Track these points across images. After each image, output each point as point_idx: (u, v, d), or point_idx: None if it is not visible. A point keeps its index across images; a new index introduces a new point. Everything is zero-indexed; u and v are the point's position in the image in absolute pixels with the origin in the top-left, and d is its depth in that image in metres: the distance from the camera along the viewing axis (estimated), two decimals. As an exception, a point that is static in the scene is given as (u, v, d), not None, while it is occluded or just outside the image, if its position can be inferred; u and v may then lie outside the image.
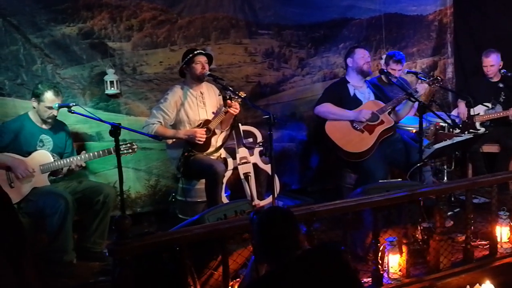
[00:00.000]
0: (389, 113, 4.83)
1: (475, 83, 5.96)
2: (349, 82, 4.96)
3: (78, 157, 4.21)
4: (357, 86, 4.95)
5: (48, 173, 4.16)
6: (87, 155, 4.23)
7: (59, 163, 4.18)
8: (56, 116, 4.22)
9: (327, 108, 4.83)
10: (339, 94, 4.90)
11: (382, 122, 4.74)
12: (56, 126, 4.33)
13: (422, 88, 4.76)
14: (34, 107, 4.19)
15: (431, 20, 6.61)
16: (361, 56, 4.90)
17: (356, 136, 4.71)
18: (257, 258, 2.56)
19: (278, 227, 2.33)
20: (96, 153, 4.25)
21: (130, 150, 4.31)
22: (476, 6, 6.57)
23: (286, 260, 2.26)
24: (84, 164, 4.27)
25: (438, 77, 4.85)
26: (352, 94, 4.91)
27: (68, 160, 4.19)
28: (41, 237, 4.09)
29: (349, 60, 4.97)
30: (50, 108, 4.14)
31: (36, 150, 4.16)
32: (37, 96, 4.14)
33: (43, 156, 4.17)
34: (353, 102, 4.86)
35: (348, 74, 5.02)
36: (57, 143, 4.29)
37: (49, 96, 4.13)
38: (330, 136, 4.76)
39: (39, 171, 4.12)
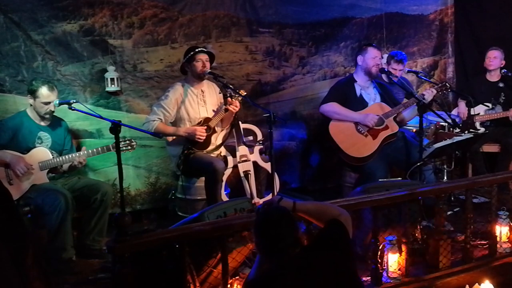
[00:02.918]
0: (395, 117, 4.77)
1: (475, 82, 5.97)
2: (356, 81, 4.87)
3: (78, 154, 4.20)
4: (364, 86, 4.87)
5: (47, 170, 4.16)
6: (86, 152, 4.23)
7: (58, 160, 4.18)
8: (53, 112, 4.22)
9: (332, 108, 4.77)
10: (345, 93, 4.83)
11: (386, 127, 4.69)
12: (55, 123, 4.33)
13: (429, 94, 4.64)
14: (31, 104, 4.19)
15: (432, 20, 6.61)
16: (372, 57, 4.78)
17: (359, 140, 4.67)
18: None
19: (274, 227, 2.33)
20: (95, 150, 4.24)
21: (129, 147, 4.30)
22: (477, 6, 6.56)
23: (285, 258, 2.27)
24: (85, 161, 4.27)
25: (447, 83, 4.80)
26: (358, 94, 4.84)
27: (67, 157, 4.19)
28: (40, 234, 4.08)
29: (359, 58, 4.86)
30: (47, 103, 4.13)
31: (35, 147, 4.16)
32: (33, 93, 4.13)
33: (42, 153, 4.16)
34: (359, 103, 4.80)
35: (356, 72, 4.94)
36: (56, 140, 4.29)
37: (44, 91, 4.12)
38: (333, 137, 4.71)
39: (38, 168, 4.12)
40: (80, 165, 4.23)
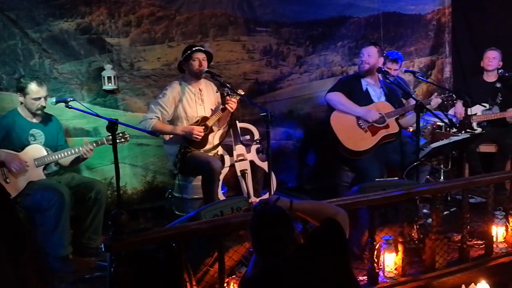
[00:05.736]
0: (398, 119, 4.80)
1: (472, 83, 5.97)
2: (363, 77, 4.90)
3: (73, 150, 4.17)
4: (370, 83, 4.89)
5: (43, 166, 4.15)
6: (89, 144, 4.19)
7: (53, 157, 4.17)
8: (45, 107, 4.19)
9: (338, 98, 4.78)
10: (351, 87, 4.85)
11: (387, 126, 4.70)
12: (46, 119, 4.30)
13: (435, 102, 4.80)
14: (21, 102, 4.17)
15: (429, 19, 6.62)
16: (361, 55, 4.87)
17: (358, 133, 4.69)
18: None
19: (270, 228, 2.33)
20: (89, 144, 4.21)
21: (123, 140, 4.24)
22: (474, 5, 6.56)
23: (281, 257, 2.27)
24: (91, 153, 4.23)
25: (454, 95, 4.91)
26: (364, 89, 4.86)
27: (61, 154, 4.17)
28: (38, 231, 4.07)
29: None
30: (37, 99, 4.11)
31: (28, 144, 4.14)
32: (22, 90, 4.10)
33: (36, 150, 4.15)
34: (364, 98, 4.81)
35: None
36: (49, 137, 4.27)
37: (33, 87, 4.09)
38: (333, 127, 4.71)
39: (34, 165, 4.10)
40: (85, 156, 4.18)
